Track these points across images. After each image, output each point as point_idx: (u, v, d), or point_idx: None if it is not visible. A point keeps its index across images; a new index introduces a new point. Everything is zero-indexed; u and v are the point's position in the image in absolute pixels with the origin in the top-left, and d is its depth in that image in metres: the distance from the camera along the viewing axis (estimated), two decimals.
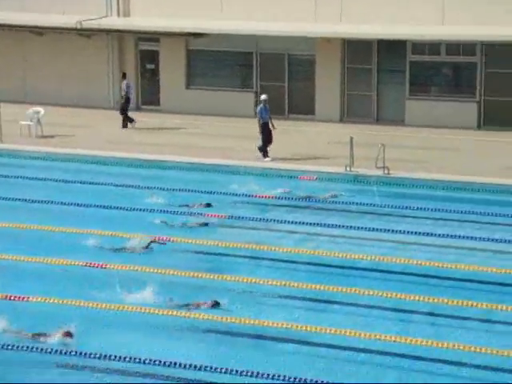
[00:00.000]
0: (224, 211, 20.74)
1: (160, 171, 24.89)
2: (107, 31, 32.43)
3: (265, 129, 25.53)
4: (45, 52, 33.46)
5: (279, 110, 30.78)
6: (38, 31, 33.20)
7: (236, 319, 14.89)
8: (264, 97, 26.20)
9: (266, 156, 25.49)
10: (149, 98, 33.02)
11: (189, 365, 13.19)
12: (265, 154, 25.52)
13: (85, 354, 13.52)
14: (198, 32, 31.24)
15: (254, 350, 14.02)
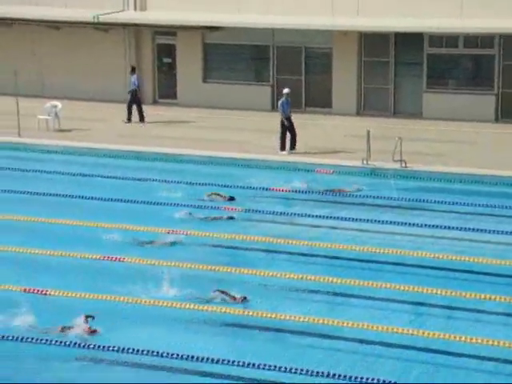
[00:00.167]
0: (244, 205, 20.74)
1: (177, 165, 24.94)
2: (124, 25, 32.49)
3: (286, 123, 25.42)
4: (62, 46, 33.56)
5: (296, 104, 30.68)
6: (55, 25, 33.31)
7: (253, 312, 14.91)
8: (286, 90, 26.05)
9: (283, 149, 25.48)
10: (165, 92, 33.08)
11: (206, 358, 13.23)
12: (282, 147, 25.52)
13: (107, 348, 13.54)
14: (215, 25, 31.24)
15: (272, 344, 14.05)
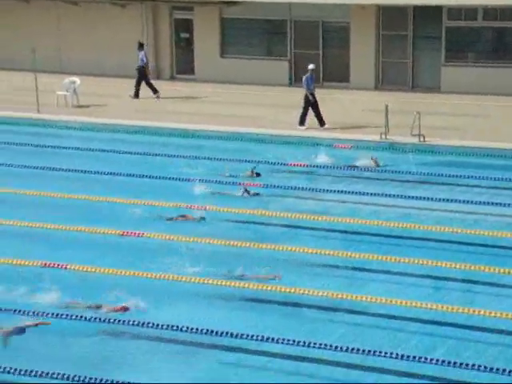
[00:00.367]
0: (266, 180, 20.73)
1: (195, 140, 24.96)
2: (141, 0, 32.46)
3: (310, 98, 25.28)
4: (80, 22, 33.58)
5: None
6: (73, 1, 33.32)
7: (273, 287, 14.99)
8: (312, 66, 25.88)
9: (302, 124, 25.44)
10: (183, 67, 33.08)
11: (226, 332, 13.33)
12: (301, 123, 25.46)
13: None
14: (232, 0, 31.16)
15: (289, 318, 14.15)
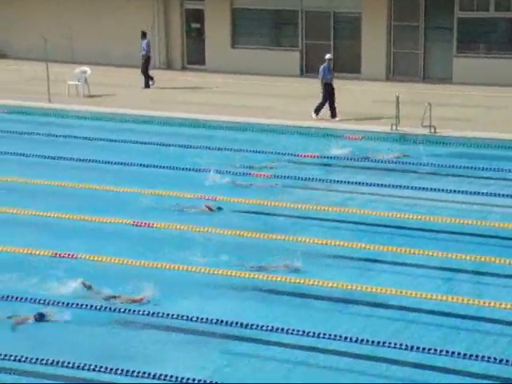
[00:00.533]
0: (277, 171, 20.72)
1: (205, 130, 24.97)
2: None
3: (327, 89, 25.27)
4: (91, 11, 33.59)
5: None
6: None
7: (282, 277, 15.01)
8: (329, 56, 25.80)
9: (317, 114, 25.27)
10: (194, 58, 33.07)
11: (235, 322, 13.35)
12: (317, 111, 25.26)
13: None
14: None
15: (299, 309, 14.18)
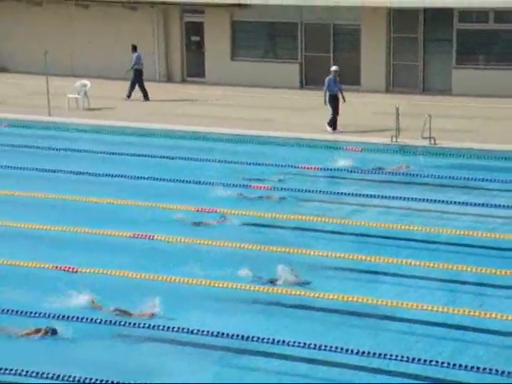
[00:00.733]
0: (273, 183, 20.75)
1: (205, 143, 24.95)
2: (152, 3, 32.52)
3: (333, 101, 25.19)
4: (91, 25, 33.65)
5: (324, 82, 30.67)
6: (84, 4, 33.41)
7: (287, 290, 14.98)
8: (335, 68, 25.73)
9: (335, 128, 25.14)
10: (194, 70, 33.11)
11: (241, 335, 13.32)
12: (334, 127, 25.13)
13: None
14: (243, 3, 31.20)
15: (303, 321, 14.15)
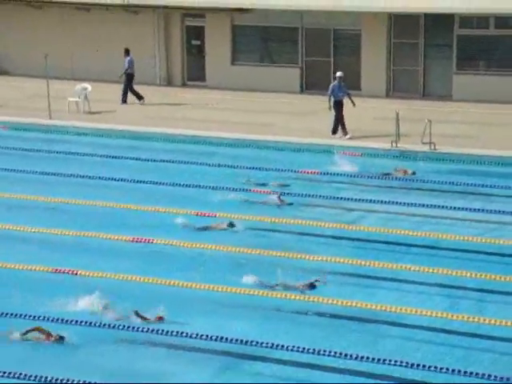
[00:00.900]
0: (283, 188, 20.73)
1: (205, 147, 24.93)
2: (153, 7, 32.55)
3: (337, 107, 25.13)
4: (92, 28, 33.67)
5: (325, 86, 30.58)
6: (85, 7, 33.44)
7: (287, 295, 14.99)
8: (339, 74, 25.62)
9: (346, 134, 25.06)
10: (194, 74, 33.12)
11: (235, 339, 13.32)
12: (344, 132, 25.02)
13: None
14: (244, 7, 31.23)
15: (304, 326, 14.15)
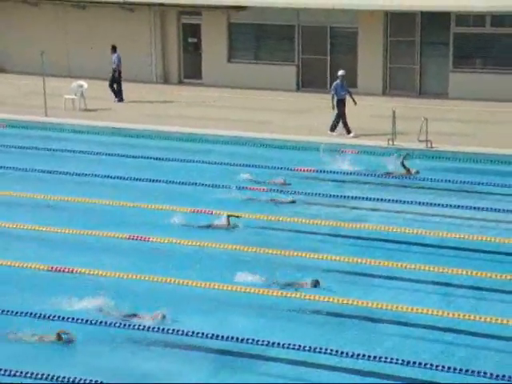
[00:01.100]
0: (271, 186, 20.73)
1: (201, 145, 24.92)
2: (149, 5, 32.52)
3: (340, 105, 25.07)
4: (88, 26, 33.63)
5: (321, 84, 30.74)
6: (81, 5, 33.40)
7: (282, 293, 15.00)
8: (341, 72, 25.50)
9: (349, 132, 25.06)
10: (191, 72, 33.10)
11: (231, 337, 13.32)
12: (348, 131, 25.03)
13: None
14: (240, 5, 31.21)
15: (302, 324, 14.17)
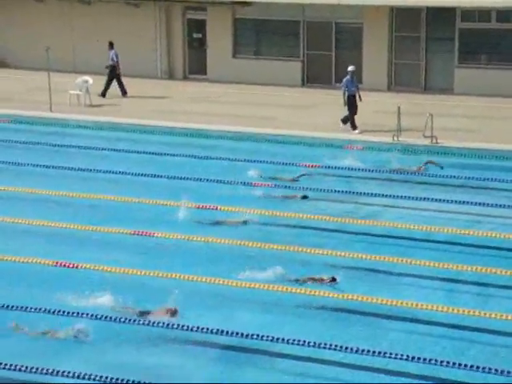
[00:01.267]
0: (281, 181, 20.72)
1: (207, 140, 24.94)
2: (155, 0, 32.51)
3: (350, 101, 24.99)
4: (93, 21, 33.65)
5: (326, 80, 30.74)
6: (86, 0, 33.40)
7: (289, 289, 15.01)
8: (351, 68, 25.42)
9: (355, 128, 24.96)
10: (196, 68, 33.10)
11: (234, 333, 13.33)
12: (353, 127, 24.93)
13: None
14: (245, 0, 31.20)
15: (308, 320, 14.18)
